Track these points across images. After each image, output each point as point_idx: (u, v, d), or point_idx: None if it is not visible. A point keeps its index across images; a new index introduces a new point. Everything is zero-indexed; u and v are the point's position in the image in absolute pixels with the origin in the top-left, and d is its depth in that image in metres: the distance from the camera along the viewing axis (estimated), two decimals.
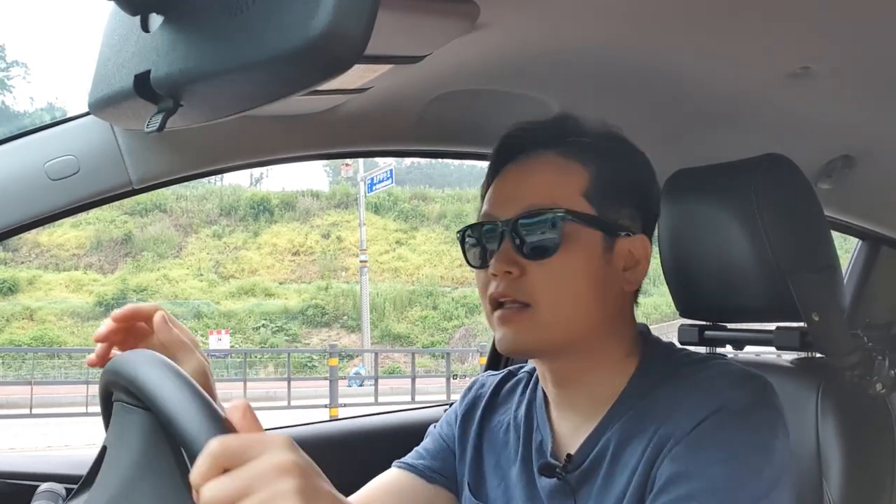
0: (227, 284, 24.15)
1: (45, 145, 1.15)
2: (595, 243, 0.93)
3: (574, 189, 0.94)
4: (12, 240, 2.96)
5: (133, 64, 0.83)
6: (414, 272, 25.54)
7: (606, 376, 0.96)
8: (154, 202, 25.78)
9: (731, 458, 0.82)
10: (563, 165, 0.96)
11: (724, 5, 1.01)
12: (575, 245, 0.92)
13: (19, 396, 12.25)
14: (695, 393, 0.88)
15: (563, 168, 0.96)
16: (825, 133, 1.47)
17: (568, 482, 0.95)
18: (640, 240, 0.97)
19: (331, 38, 0.60)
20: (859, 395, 1.18)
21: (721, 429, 0.84)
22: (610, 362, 0.96)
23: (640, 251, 0.97)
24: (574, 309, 0.93)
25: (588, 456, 0.94)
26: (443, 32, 0.95)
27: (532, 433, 1.03)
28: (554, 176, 0.96)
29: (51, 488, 1.04)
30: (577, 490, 0.94)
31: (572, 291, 0.92)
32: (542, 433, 1.02)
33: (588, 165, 0.96)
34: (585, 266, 0.93)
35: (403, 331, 22.98)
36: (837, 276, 1.19)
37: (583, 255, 0.93)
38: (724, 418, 0.84)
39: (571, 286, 0.92)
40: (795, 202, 1.15)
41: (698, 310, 1.27)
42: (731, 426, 0.84)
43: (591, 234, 0.93)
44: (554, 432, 1.01)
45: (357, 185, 22.44)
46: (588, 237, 0.93)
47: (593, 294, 0.93)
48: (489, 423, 1.10)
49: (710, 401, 0.86)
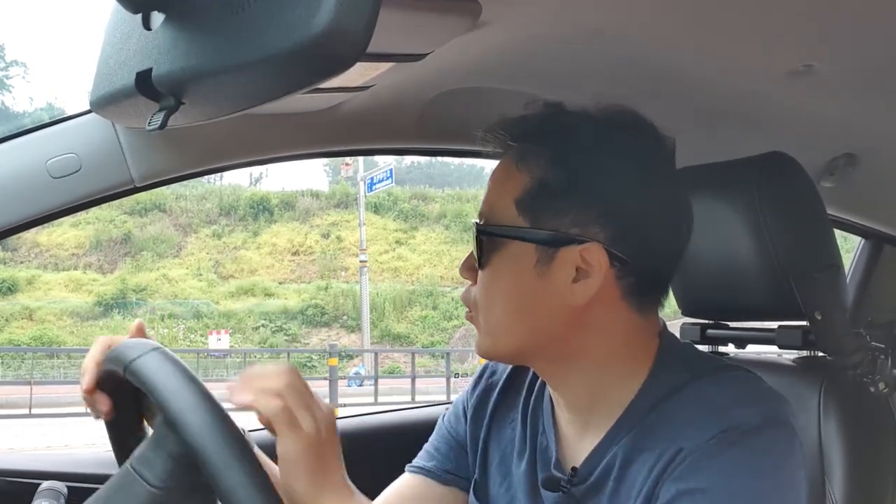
0: (226, 284, 24.15)
1: (47, 143, 1.15)
2: (526, 255, 0.87)
3: (508, 197, 0.89)
4: (11, 239, 2.96)
5: (135, 62, 0.83)
6: (414, 272, 25.55)
7: (612, 384, 0.90)
8: (153, 202, 25.78)
9: (738, 484, 0.79)
10: (509, 170, 0.90)
11: (726, 3, 1.01)
12: (502, 258, 0.88)
13: (19, 396, 12.26)
14: (705, 410, 0.83)
15: (507, 173, 0.90)
16: (828, 131, 1.47)
17: (573, 495, 0.91)
18: (595, 248, 0.85)
19: (332, 36, 0.60)
20: (862, 395, 1.18)
21: (727, 450, 0.80)
22: (613, 370, 0.90)
23: (595, 260, 0.85)
24: (505, 321, 0.90)
25: (594, 470, 0.89)
26: (445, 30, 0.95)
27: (538, 435, 0.99)
28: (500, 182, 0.91)
29: (52, 486, 1.04)
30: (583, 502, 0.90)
31: (499, 304, 0.89)
32: (547, 437, 0.98)
33: (530, 170, 0.88)
34: (513, 280, 0.88)
35: (403, 331, 22.98)
36: (840, 274, 1.18)
37: (510, 268, 0.88)
38: (733, 438, 0.80)
39: (497, 299, 0.89)
40: (798, 200, 1.15)
41: (700, 308, 1.27)
42: (739, 448, 0.80)
43: (522, 246, 0.87)
44: (559, 436, 0.97)
45: (357, 184, 22.45)
46: (518, 249, 0.87)
47: (526, 307, 0.88)
48: (499, 415, 1.06)
49: (720, 419, 0.81)
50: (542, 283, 0.87)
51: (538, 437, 0.99)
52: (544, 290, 0.87)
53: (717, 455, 0.80)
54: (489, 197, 0.92)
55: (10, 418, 11.12)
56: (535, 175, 0.87)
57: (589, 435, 0.92)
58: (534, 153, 0.88)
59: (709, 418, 0.82)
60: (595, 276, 0.85)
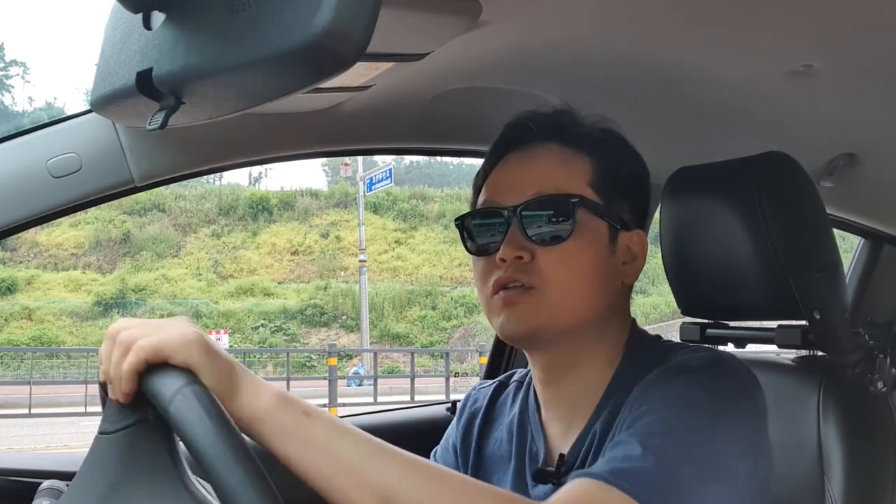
0: (225, 284, 24.14)
1: (48, 143, 1.15)
2: (602, 233, 0.95)
3: (580, 179, 0.96)
4: (10, 239, 2.96)
5: (135, 61, 0.83)
6: (413, 272, 25.54)
7: (596, 368, 0.96)
8: (153, 202, 25.77)
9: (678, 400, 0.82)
10: (567, 156, 0.97)
11: (726, 4, 1.01)
12: (585, 232, 0.94)
13: (18, 396, 12.24)
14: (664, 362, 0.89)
15: (567, 158, 0.97)
16: (828, 131, 1.47)
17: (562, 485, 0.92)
18: (638, 235, 0.99)
19: (333, 35, 0.60)
20: (861, 394, 1.19)
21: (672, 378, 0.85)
22: (601, 353, 0.97)
23: (638, 246, 0.99)
24: (580, 294, 0.94)
25: (579, 454, 0.93)
26: (445, 30, 0.95)
27: (526, 443, 1.02)
28: (559, 165, 0.97)
29: (53, 485, 1.04)
30: None
31: (579, 277, 0.93)
32: (537, 443, 1.01)
33: (591, 157, 0.97)
34: (593, 254, 0.94)
35: (402, 330, 22.97)
36: (839, 274, 1.19)
37: (591, 242, 0.94)
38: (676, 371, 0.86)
39: (580, 271, 0.93)
40: (798, 200, 1.15)
41: (700, 308, 1.27)
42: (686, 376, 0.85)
43: (599, 224, 0.95)
44: (546, 436, 1.00)
45: (356, 184, 22.44)
46: (596, 226, 0.95)
47: (597, 282, 0.95)
48: (487, 440, 1.09)
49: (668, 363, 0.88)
50: (611, 259, 0.96)
51: (527, 444, 1.02)
52: (611, 266, 0.96)
53: (660, 382, 0.86)
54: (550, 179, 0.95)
55: (10, 418, 11.12)
56: (602, 163, 0.97)
57: (573, 426, 0.96)
58: (596, 146, 0.97)
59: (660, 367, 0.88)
60: (640, 259, 0.98)
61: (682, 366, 0.87)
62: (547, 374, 1.00)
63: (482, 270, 0.97)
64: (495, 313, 0.95)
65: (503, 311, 0.94)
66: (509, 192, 0.96)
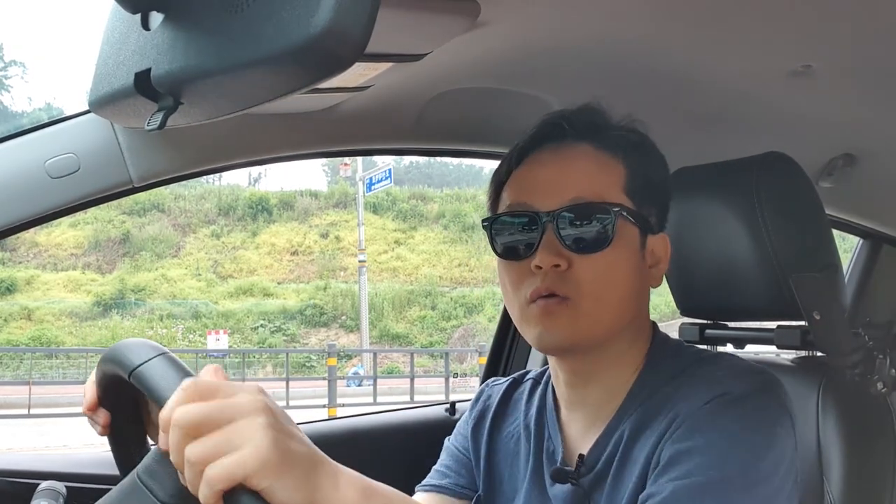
0: (225, 284, 24.13)
1: (46, 143, 1.15)
2: (634, 239, 0.94)
3: (616, 184, 0.94)
4: (10, 239, 2.96)
5: (133, 62, 0.83)
6: (412, 272, 25.53)
7: (618, 372, 0.95)
8: (152, 202, 25.76)
9: (731, 439, 0.82)
10: (603, 159, 0.95)
11: (725, 4, 1.01)
12: (622, 241, 0.92)
13: (17, 396, 12.24)
14: (700, 384, 0.88)
15: (603, 162, 0.95)
16: (826, 131, 1.47)
17: (581, 486, 0.93)
18: (663, 238, 0.99)
19: (331, 36, 0.60)
20: (860, 394, 1.18)
21: (722, 411, 0.84)
22: (626, 358, 0.96)
23: (662, 249, 0.98)
24: (616, 303, 0.92)
25: (600, 457, 0.92)
26: (443, 30, 0.95)
27: (543, 441, 1.02)
28: (596, 169, 0.94)
29: (51, 486, 1.04)
30: (591, 493, 0.92)
31: (615, 287, 0.92)
32: (553, 442, 1.00)
33: (625, 161, 0.95)
34: (628, 262, 0.93)
35: (402, 331, 22.97)
36: (838, 274, 1.19)
37: (627, 250, 0.93)
38: (726, 402, 0.85)
39: (616, 282, 0.92)
40: (797, 201, 1.15)
41: (699, 308, 1.27)
42: (732, 409, 0.84)
43: (632, 231, 0.94)
44: (564, 437, 1.00)
45: (356, 184, 22.42)
46: (631, 233, 0.93)
47: (631, 290, 0.94)
48: (499, 435, 1.09)
49: (713, 388, 0.86)
50: (641, 265, 0.96)
51: (544, 442, 1.02)
52: (642, 272, 0.96)
53: (711, 417, 0.84)
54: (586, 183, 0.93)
55: (9, 418, 11.11)
56: (635, 168, 0.95)
57: (593, 428, 0.95)
58: (626, 144, 0.96)
59: (705, 388, 0.87)
60: (663, 262, 0.98)
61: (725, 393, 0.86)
62: (573, 376, 0.98)
63: (515, 276, 0.94)
64: (531, 324, 0.92)
65: (541, 322, 0.91)
66: (545, 195, 0.93)
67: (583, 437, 0.97)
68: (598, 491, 0.92)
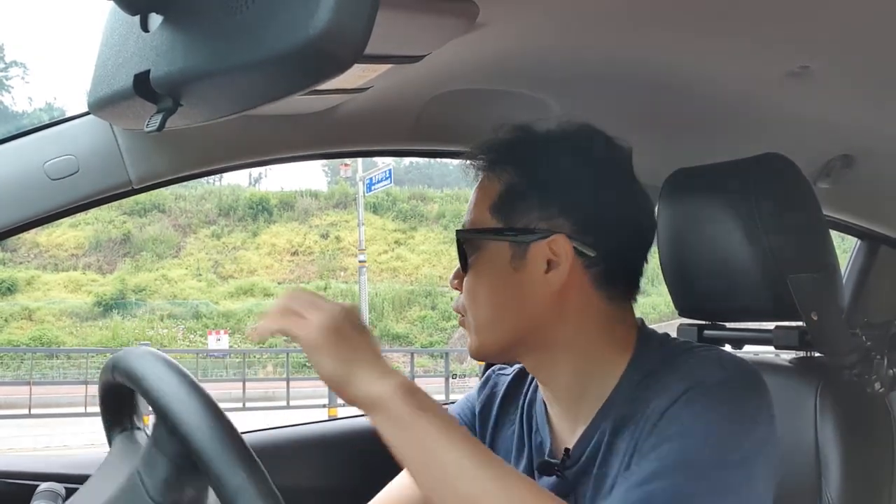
0: (225, 284, 24.15)
1: (45, 145, 1.15)
2: (502, 254, 0.96)
3: (485, 205, 0.98)
4: (10, 240, 2.96)
5: (133, 63, 0.83)
6: (413, 272, 25.56)
7: (594, 373, 0.96)
8: (153, 202, 25.78)
9: (706, 427, 0.84)
10: (485, 183, 1.00)
11: (722, 4, 1.01)
12: (482, 259, 0.98)
13: (18, 397, 12.24)
14: (675, 376, 0.90)
15: (484, 186, 1.00)
16: (824, 132, 1.48)
17: (566, 478, 0.96)
18: (560, 239, 0.94)
19: (330, 37, 0.60)
20: (858, 395, 1.19)
21: (696, 400, 0.86)
22: (593, 359, 0.96)
23: (562, 250, 0.94)
24: (493, 317, 0.97)
25: (585, 451, 0.95)
26: (442, 32, 0.95)
27: (532, 433, 1.05)
28: (479, 195, 1.00)
29: (50, 488, 1.04)
30: (576, 486, 0.95)
31: (483, 302, 0.98)
32: (541, 434, 1.03)
33: (501, 176, 0.98)
34: (493, 278, 0.97)
35: (402, 331, 22.99)
36: (836, 275, 1.19)
37: (490, 267, 0.97)
38: (700, 392, 0.86)
39: (482, 299, 0.98)
40: (794, 201, 1.15)
41: (697, 309, 1.27)
42: (706, 398, 0.86)
43: (498, 246, 0.96)
44: (553, 431, 1.02)
45: (356, 184, 22.41)
46: (494, 249, 0.97)
47: (508, 302, 0.96)
48: (502, 424, 1.12)
49: (689, 378, 0.88)
50: (519, 276, 0.95)
51: (533, 435, 1.05)
52: (521, 283, 0.95)
53: (685, 408, 0.86)
54: (470, 209, 1.01)
55: (9, 419, 11.11)
56: (504, 182, 0.98)
57: (579, 424, 0.98)
58: (503, 164, 0.99)
59: (678, 381, 0.88)
60: (563, 264, 0.94)
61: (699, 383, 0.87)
62: (535, 375, 1.04)
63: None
64: None
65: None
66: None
67: (571, 432, 0.99)
68: (584, 484, 0.94)
